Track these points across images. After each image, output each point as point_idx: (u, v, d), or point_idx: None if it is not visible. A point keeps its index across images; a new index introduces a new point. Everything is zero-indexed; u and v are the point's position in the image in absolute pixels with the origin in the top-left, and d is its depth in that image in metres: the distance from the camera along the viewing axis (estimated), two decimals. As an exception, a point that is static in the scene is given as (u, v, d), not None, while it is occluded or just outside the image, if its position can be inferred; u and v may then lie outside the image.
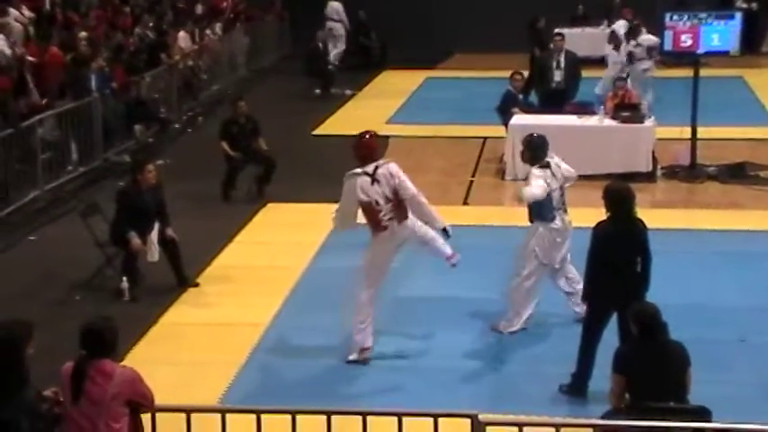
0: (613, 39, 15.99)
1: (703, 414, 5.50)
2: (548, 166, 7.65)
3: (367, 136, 7.54)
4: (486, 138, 13.95)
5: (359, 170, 7.38)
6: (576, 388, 6.74)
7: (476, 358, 7.52)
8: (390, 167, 7.42)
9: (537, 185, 7.50)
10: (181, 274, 9.04)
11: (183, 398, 6.87)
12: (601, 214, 7.05)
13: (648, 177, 11.88)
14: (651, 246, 6.70)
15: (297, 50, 20.36)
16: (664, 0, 15.82)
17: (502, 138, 12.70)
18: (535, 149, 7.68)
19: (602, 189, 7.15)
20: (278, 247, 10.13)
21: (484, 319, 8.16)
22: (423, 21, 21.28)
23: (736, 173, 12.10)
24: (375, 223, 7.41)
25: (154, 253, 8.91)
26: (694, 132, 12.22)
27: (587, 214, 7.58)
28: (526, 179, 7.92)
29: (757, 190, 11.59)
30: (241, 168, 11.79)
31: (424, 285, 8.95)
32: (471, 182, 12.32)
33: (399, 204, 7.40)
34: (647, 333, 5.57)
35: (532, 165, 7.66)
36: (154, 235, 8.90)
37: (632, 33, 15.11)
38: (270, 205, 11.38)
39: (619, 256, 6.54)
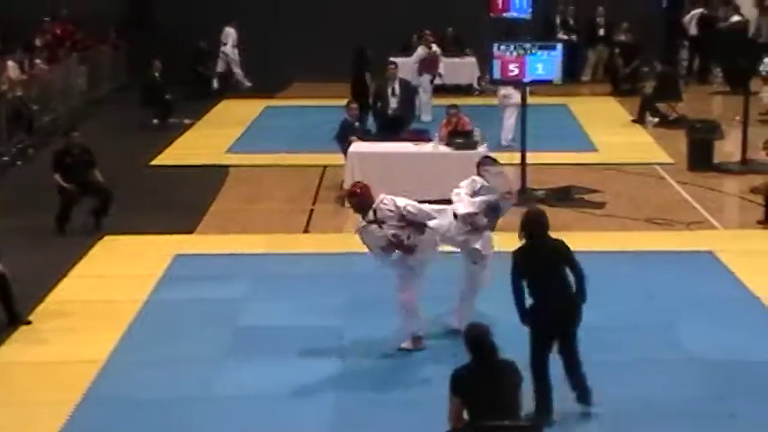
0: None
1: (536, 431, 5.77)
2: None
3: (358, 189, 7.92)
4: (326, 165, 14.10)
5: (364, 222, 7.81)
6: (541, 417, 6.64)
7: (319, 388, 7.54)
8: (387, 203, 7.79)
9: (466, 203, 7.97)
10: (11, 311, 8.71)
11: (15, 440, 6.66)
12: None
13: (482, 203, 12.28)
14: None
15: (132, 80, 20.02)
16: (492, 30, 16.58)
17: (341, 165, 12.88)
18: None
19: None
20: (116, 280, 9.92)
21: (325, 346, 8.23)
22: (260, 50, 21.33)
23: (563, 196, 12.68)
24: (404, 251, 7.83)
25: (-18, 290, 8.57)
26: (524, 157, 12.74)
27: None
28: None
29: (581, 212, 12.18)
30: (76, 201, 11.48)
31: (267, 314, 8.96)
32: (312, 210, 12.43)
33: (411, 222, 7.77)
34: (479, 353, 5.77)
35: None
36: (-18, 272, 8.57)
37: None
38: (107, 238, 11.13)
39: (536, 276, 6.71)
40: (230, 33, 21.31)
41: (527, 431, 5.81)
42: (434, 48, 17.87)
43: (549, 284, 6.73)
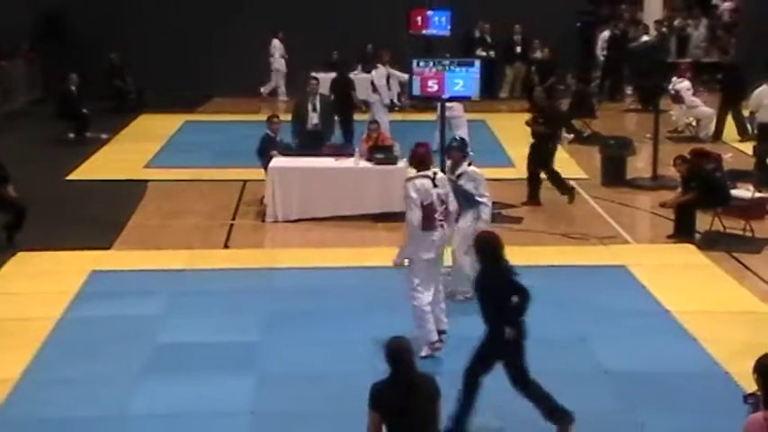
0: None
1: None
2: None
3: (422, 148, 8.29)
4: (246, 180, 14.06)
5: (420, 173, 8.03)
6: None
7: (236, 404, 7.51)
8: (444, 177, 8.26)
9: None
10: None
11: None
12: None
13: (401, 217, 12.36)
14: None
15: (48, 94, 19.67)
16: (412, 46, 16.75)
17: (262, 180, 12.85)
18: None
19: (359, 229, 7.43)
20: (29, 297, 9.72)
21: (243, 362, 8.20)
22: (179, 64, 21.15)
23: (480, 211, 12.80)
24: (429, 222, 7.98)
25: None
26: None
27: (346, 254, 7.91)
28: None
29: (498, 227, 12.28)
30: (-13, 217, 11.25)
31: (184, 330, 8.88)
32: (232, 225, 12.37)
33: (447, 209, 8.20)
34: (396, 367, 5.83)
35: None
36: None
37: None
38: (20, 254, 10.90)
39: (491, 302, 6.84)
40: (277, 46, 21.28)
41: (444, 444, 5.87)
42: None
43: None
